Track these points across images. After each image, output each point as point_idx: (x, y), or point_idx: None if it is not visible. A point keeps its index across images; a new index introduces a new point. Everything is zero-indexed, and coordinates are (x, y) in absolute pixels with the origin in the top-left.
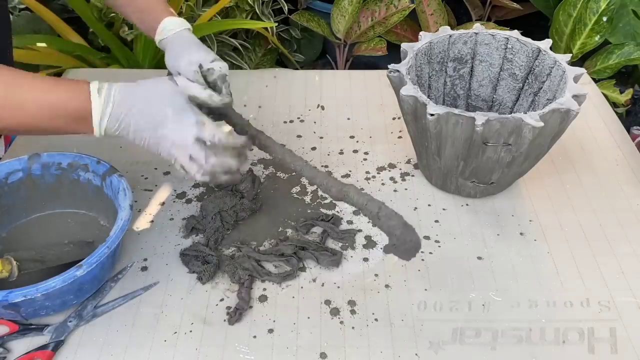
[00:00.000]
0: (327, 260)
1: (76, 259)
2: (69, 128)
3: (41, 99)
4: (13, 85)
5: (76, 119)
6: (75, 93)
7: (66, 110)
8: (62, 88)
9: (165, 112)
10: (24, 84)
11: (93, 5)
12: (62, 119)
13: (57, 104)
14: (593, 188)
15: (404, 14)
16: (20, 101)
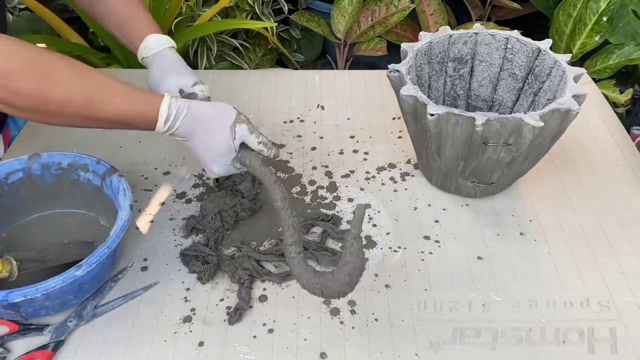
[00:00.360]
0: (327, 260)
1: (76, 259)
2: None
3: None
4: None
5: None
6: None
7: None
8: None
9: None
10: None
11: None
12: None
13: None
14: (593, 188)
15: (404, 14)
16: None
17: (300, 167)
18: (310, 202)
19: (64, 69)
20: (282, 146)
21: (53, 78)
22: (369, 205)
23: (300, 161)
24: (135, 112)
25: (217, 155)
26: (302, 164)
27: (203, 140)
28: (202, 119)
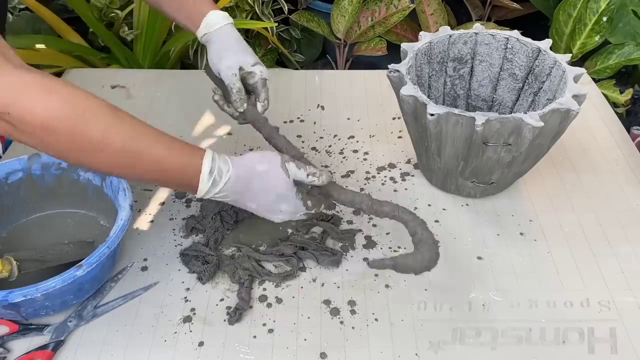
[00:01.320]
0: (327, 260)
1: (76, 259)
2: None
3: (155, 163)
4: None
5: (180, 184)
6: (188, 167)
7: (173, 179)
8: (176, 159)
9: (279, 207)
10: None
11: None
12: (169, 183)
13: (166, 171)
14: (593, 188)
15: (404, 14)
16: (134, 159)
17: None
18: None
19: (104, 109)
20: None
21: (91, 117)
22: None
23: None
24: (177, 163)
25: (278, 197)
26: None
27: (258, 188)
28: (250, 167)
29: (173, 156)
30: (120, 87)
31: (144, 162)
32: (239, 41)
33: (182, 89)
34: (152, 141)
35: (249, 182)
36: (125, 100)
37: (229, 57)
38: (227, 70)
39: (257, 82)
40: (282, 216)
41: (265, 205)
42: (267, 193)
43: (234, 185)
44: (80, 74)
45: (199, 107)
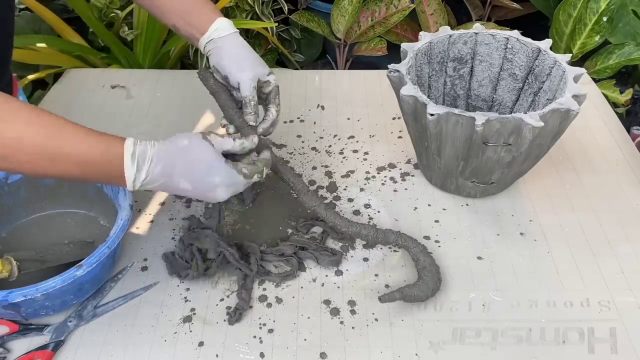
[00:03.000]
0: (327, 260)
1: (76, 259)
2: (101, 180)
3: (76, 157)
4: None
5: (109, 176)
6: (110, 156)
7: (97, 172)
8: (97, 150)
9: (213, 181)
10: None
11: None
12: (95, 176)
13: (88, 164)
14: (593, 188)
15: (404, 14)
16: (53, 155)
17: (300, 167)
18: None
19: (21, 109)
20: (282, 146)
21: (7, 118)
22: None
23: (300, 161)
24: (97, 154)
25: (209, 168)
26: (302, 164)
27: (184, 163)
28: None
29: (93, 148)
30: (120, 87)
31: (64, 158)
32: (252, 51)
33: (182, 89)
34: (70, 136)
35: (174, 159)
36: (125, 100)
37: (248, 68)
38: (248, 82)
39: (272, 90)
40: (220, 192)
41: (198, 182)
42: (195, 165)
43: (159, 166)
44: (80, 74)
45: (199, 107)
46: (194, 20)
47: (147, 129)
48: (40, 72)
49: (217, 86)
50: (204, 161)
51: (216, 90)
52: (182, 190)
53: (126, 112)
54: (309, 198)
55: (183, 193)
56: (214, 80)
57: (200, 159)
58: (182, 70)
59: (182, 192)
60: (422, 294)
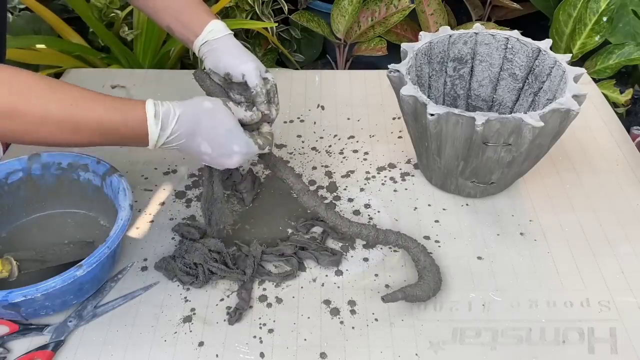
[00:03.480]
0: (327, 260)
1: (76, 259)
2: (123, 143)
3: (96, 124)
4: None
5: (130, 139)
6: (132, 118)
7: (120, 136)
8: (118, 114)
9: (232, 147)
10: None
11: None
12: (117, 138)
13: (111, 129)
14: (593, 188)
15: (404, 14)
16: (76, 126)
17: (300, 167)
18: None
19: (40, 83)
20: (282, 146)
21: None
22: None
23: (300, 161)
24: (119, 117)
25: (228, 132)
26: (302, 164)
27: (208, 125)
28: (196, 105)
29: (114, 112)
30: (120, 87)
31: (87, 125)
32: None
33: (182, 89)
34: (90, 103)
35: (198, 120)
36: None
37: (250, 60)
38: (254, 71)
39: (270, 89)
40: (236, 158)
41: (218, 147)
42: (218, 129)
43: (185, 123)
44: (80, 74)
45: None
46: (188, 22)
47: None
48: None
49: (214, 87)
50: (225, 126)
51: (213, 91)
52: (201, 152)
53: None
54: (308, 198)
55: (200, 155)
56: (210, 80)
57: (223, 124)
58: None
59: (200, 154)
60: (424, 293)
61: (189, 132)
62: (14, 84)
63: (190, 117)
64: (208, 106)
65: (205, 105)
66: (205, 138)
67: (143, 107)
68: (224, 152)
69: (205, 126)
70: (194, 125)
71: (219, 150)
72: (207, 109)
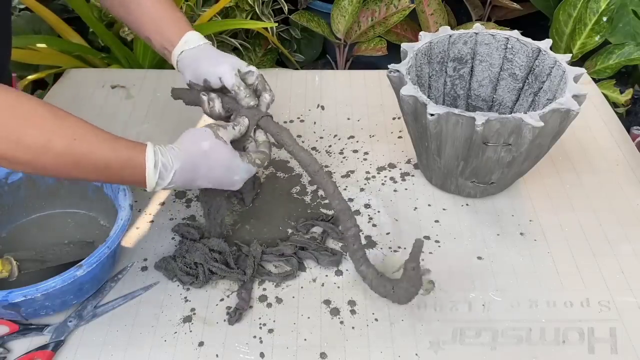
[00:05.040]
0: (327, 260)
1: (76, 259)
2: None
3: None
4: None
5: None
6: (133, 164)
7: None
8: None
9: (232, 179)
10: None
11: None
12: (116, 179)
13: (111, 169)
14: (593, 188)
15: (404, 14)
16: (78, 159)
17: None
18: (310, 202)
19: (45, 112)
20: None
21: (33, 121)
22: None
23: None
24: (121, 161)
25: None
26: None
27: (206, 169)
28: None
29: (116, 155)
30: (120, 87)
31: (88, 163)
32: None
33: None
34: (95, 141)
35: (195, 166)
36: (125, 100)
37: (224, 61)
38: (229, 71)
39: (257, 79)
40: (238, 184)
41: (219, 184)
42: (216, 169)
43: (183, 175)
44: (80, 74)
45: (198, 107)
46: (165, 34)
47: (147, 128)
48: (40, 72)
49: (195, 95)
50: (223, 164)
51: (194, 99)
52: (202, 187)
53: (126, 112)
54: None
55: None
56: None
57: (220, 162)
58: None
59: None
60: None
61: (188, 180)
62: (18, 108)
63: (187, 169)
64: (203, 148)
65: (200, 148)
66: (205, 179)
67: (144, 155)
68: (225, 183)
69: (204, 169)
70: (192, 174)
71: (220, 183)
72: (202, 152)
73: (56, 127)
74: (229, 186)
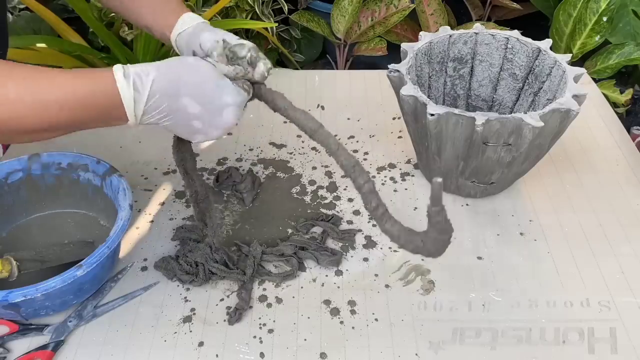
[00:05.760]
0: (327, 260)
1: (76, 259)
2: (100, 121)
3: (61, 96)
4: (31, 85)
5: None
6: (99, 85)
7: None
8: (82, 81)
9: (224, 100)
10: (42, 82)
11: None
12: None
13: (77, 102)
14: (593, 188)
15: (404, 14)
16: (40, 101)
17: (300, 167)
18: (310, 202)
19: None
20: (282, 146)
21: None
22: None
23: (300, 161)
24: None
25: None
26: (302, 164)
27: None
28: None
29: (80, 82)
30: None
31: (50, 100)
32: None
33: None
34: (52, 76)
35: (178, 77)
36: None
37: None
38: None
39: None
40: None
41: (208, 102)
42: (204, 84)
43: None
44: None
45: None
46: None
47: (146, 128)
48: None
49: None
50: (212, 79)
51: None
52: (190, 117)
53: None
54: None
55: (190, 122)
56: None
57: (209, 77)
58: None
59: (189, 121)
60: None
61: (171, 93)
62: None
63: (169, 76)
64: (190, 61)
65: (187, 61)
66: (192, 95)
67: (111, 71)
68: (215, 107)
69: (189, 82)
70: (175, 83)
71: (210, 107)
72: (188, 63)
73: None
74: (220, 115)
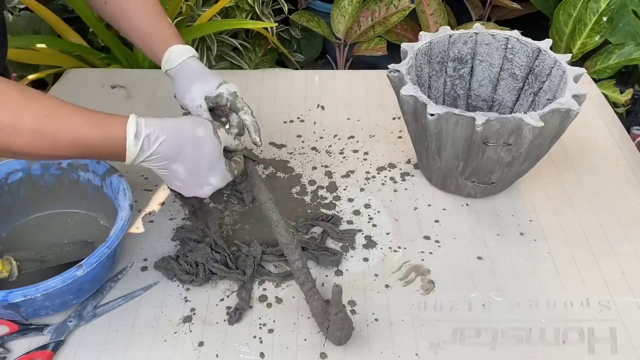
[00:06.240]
0: (327, 260)
1: (76, 259)
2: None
3: (74, 137)
4: (49, 122)
5: (108, 156)
6: (111, 134)
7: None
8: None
9: (208, 180)
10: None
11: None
12: (93, 153)
13: (88, 144)
14: (593, 188)
15: (404, 14)
16: (54, 138)
17: (300, 167)
18: (310, 202)
19: (12, 91)
20: (282, 146)
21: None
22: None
23: (300, 161)
24: (97, 132)
25: (210, 165)
26: (302, 164)
27: (192, 154)
28: (185, 131)
29: (93, 127)
30: (120, 87)
31: (62, 138)
32: (201, 70)
33: None
34: (68, 114)
35: (182, 148)
36: (125, 100)
37: (192, 89)
38: (190, 103)
39: (228, 100)
40: (208, 189)
41: (195, 175)
42: (201, 160)
43: (167, 149)
44: (80, 74)
45: None
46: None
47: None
48: (40, 72)
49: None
50: (210, 159)
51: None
52: (174, 176)
53: (126, 112)
54: (280, 227)
55: (172, 179)
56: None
57: (207, 157)
58: None
59: (172, 178)
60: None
61: (170, 157)
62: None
63: (175, 143)
64: (199, 134)
65: (196, 133)
66: (185, 165)
67: (124, 126)
68: (198, 181)
69: (189, 155)
70: (177, 151)
71: (194, 178)
72: (197, 137)
73: (26, 104)
74: (199, 187)
